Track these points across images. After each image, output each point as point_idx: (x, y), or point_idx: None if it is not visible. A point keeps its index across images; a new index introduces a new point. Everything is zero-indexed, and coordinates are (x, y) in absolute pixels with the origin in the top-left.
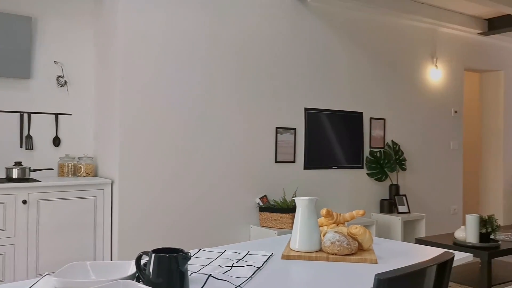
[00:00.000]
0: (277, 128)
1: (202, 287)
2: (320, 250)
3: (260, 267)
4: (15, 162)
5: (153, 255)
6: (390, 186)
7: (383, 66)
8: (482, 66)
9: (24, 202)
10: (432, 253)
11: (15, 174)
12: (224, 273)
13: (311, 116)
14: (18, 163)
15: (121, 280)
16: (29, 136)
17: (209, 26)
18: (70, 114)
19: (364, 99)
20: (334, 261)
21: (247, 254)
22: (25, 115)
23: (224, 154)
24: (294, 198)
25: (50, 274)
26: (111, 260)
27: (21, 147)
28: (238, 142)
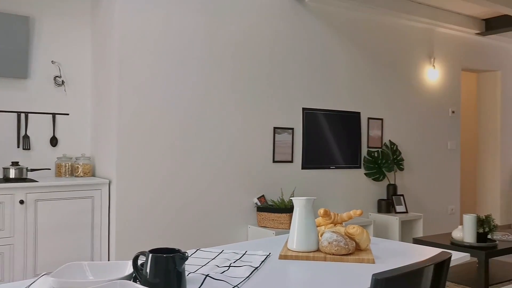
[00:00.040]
0: (274, 128)
1: (199, 287)
2: (317, 250)
3: (258, 267)
4: (12, 162)
5: (150, 255)
6: (388, 186)
7: (381, 66)
8: (480, 66)
9: (21, 202)
10: (429, 253)
11: (12, 174)
12: (222, 273)
13: (309, 116)
14: (15, 163)
15: (118, 281)
16: (26, 136)
17: (206, 26)
18: (68, 114)
19: (361, 99)
20: (331, 261)
21: (244, 254)
22: (22, 115)
23: (222, 154)
24: (291, 198)
25: (48, 274)
26: (109, 260)
27: (18, 147)
28: (235, 142)
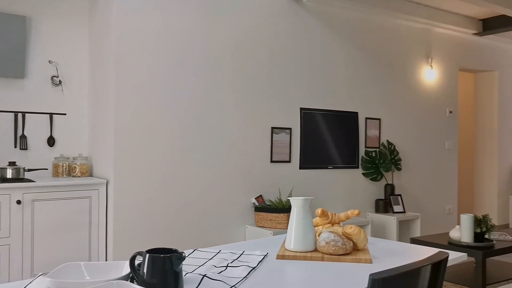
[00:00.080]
0: (272, 128)
1: (196, 287)
2: (315, 250)
3: (255, 267)
4: (9, 162)
5: (147, 255)
6: (385, 186)
7: (378, 66)
8: (477, 66)
9: (18, 202)
10: (427, 252)
11: (9, 174)
12: (219, 273)
13: (307, 116)
14: (12, 163)
15: (114, 281)
16: (23, 136)
17: (204, 26)
18: (65, 114)
19: (359, 99)
20: (329, 261)
21: (242, 254)
22: (19, 115)
23: (220, 154)
24: (289, 198)
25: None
26: (106, 260)
27: (15, 147)
28: (233, 142)
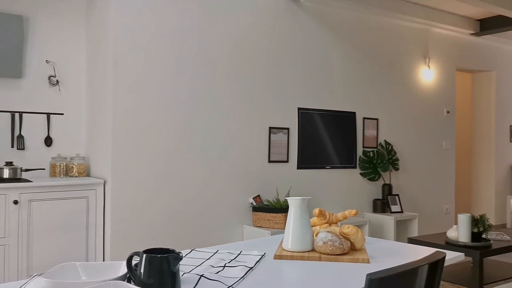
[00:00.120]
0: (270, 128)
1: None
2: (312, 250)
3: (253, 267)
4: (6, 162)
5: (144, 255)
6: (383, 186)
7: (376, 66)
8: (474, 66)
9: (15, 202)
10: (424, 252)
11: (6, 174)
12: (216, 273)
13: (304, 116)
14: (9, 163)
15: (111, 281)
16: (20, 136)
17: (201, 26)
18: (62, 114)
19: (357, 99)
20: (326, 261)
21: (239, 254)
22: (16, 115)
23: (217, 154)
24: (286, 198)
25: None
26: (104, 260)
27: (12, 147)
28: (231, 142)
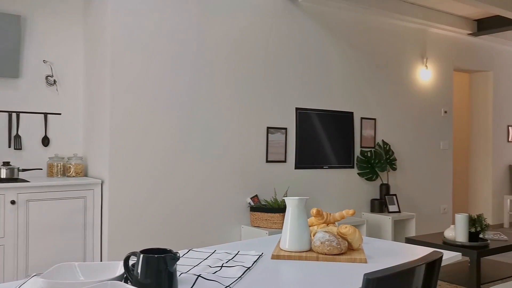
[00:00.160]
0: (268, 128)
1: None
2: (310, 250)
3: (250, 267)
4: (3, 162)
5: (141, 255)
6: (381, 186)
7: (373, 66)
8: (472, 66)
9: (12, 202)
10: (421, 252)
11: (3, 174)
12: (214, 273)
13: (302, 116)
14: (6, 163)
15: (108, 281)
16: (17, 136)
17: (199, 25)
18: (60, 114)
19: (355, 99)
20: (324, 260)
21: (237, 254)
22: (13, 115)
23: (215, 154)
24: (284, 198)
25: (38, 275)
26: (101, 260)
27: (9, 147)
28: (229, 141)
